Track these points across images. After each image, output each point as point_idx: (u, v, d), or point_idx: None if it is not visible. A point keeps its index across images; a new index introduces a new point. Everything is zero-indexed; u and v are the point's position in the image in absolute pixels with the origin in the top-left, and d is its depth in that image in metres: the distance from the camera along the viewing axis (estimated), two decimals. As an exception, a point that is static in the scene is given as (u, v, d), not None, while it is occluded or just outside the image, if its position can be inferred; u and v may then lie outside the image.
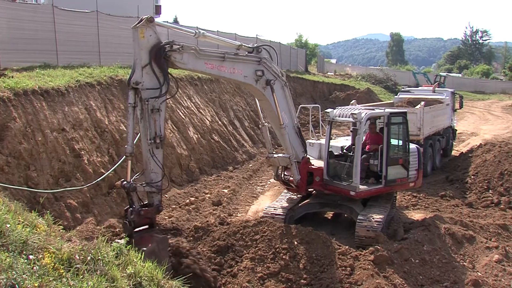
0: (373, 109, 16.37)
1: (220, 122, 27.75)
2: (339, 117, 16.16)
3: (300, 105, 18.80)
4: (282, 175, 15.34)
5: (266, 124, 15.15)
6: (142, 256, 8.68)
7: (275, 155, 15.00)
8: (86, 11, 24.93)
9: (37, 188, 14.21)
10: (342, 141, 18.33)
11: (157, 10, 44.66)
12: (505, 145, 23.55)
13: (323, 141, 17.06)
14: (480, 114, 55.15)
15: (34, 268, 6.01)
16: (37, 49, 22.25)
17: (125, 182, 10.53)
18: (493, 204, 19.14)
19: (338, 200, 15.80)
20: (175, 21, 67.07)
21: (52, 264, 6.26)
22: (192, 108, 25.83)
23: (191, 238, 12.66)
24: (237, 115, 30.55)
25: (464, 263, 13.23)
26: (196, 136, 24.21)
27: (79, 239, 8.46)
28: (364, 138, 16.69)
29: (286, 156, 14.58)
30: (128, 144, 10.86)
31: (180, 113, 24.21)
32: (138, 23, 10.75)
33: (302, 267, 11.69)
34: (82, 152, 16.66)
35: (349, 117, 15.72)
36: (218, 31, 37.89)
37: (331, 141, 16.65)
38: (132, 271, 7.26)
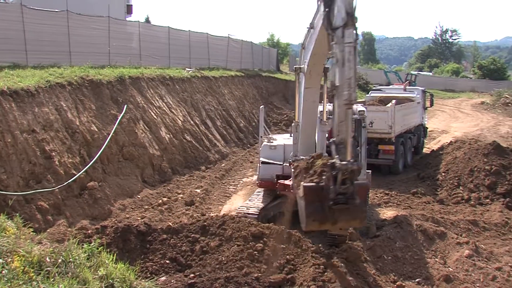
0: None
1: (192, 122, 27.65)
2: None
3: (261, 106, 18.67)
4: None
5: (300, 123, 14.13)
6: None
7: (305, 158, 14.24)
8: (56, 10, 24.59)
9: (6, 190, 14.06)
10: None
11: (129, 9, 44.31)
12: (475, 142, 23.91)
13: (286, 142, 16.88)
14: (450, 112, 55.89)
15: (3, 272, 5.96)
16: (5, 48, 21.87)
17: (338, 162, 9.15)
18: (463, 201, 19.48)
19: None
20: (147, 21, 66.47)
21: (22, 268, 6.20)
22: (164, 108, 25.71)
23: (165, 236, 12.59)
24: (209, 115, 30.48)
25: (436, 259, 13.43)
26: (168, 136, 24.11)
27: (50, 242, 8.39)
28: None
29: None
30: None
31: (152, 113, 24.09)
32: None
33: (275, 266, 11.69)
34: (53, 153, 16.49)
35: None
36: (190, 30, 37.77)
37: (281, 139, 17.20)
38: (104, 273, 7.24)
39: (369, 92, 31.27)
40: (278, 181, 15.39)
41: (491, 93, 72.97)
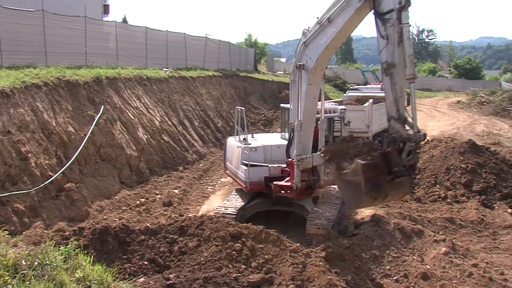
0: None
1: (169, 122, 27.57)
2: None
3: (239, 107, 18.46)
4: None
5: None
6: None
7: (309, 156, 14.54)
8: (32, 10, 24.32)
9: (-19, 192, 13.91)
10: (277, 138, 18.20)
11: (105, 9, 43.98)
12: (451, 141, 24.29)
13: (264, 143, 16.94)
14: (427, 111, 56.34)
15: (-22, 276, 5.90)
16: (-21, 49, 21.66)
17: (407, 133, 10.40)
18: (440, 199, 19.76)
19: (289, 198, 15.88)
20: (124, 21, 66.07)
21: (-3, 271, 6.14)
22: (141, 109, 25.60)
23: (143, 237, 12.54)
24: (187, 115, 30.42)
25: (413, 257, 13.56)
26: (146, 136, 24.01)
27: (26, 244, 8.33)
28: None
29: None
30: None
31: (129, 113, 23.98)
32: None
33: (254, 266, 11.73)
34: (29, 155, 16.32)
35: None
36: (167, 30, 37.63)
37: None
38: (81, 275, 7.19)
39: (347, 92, 31.43)
40: (274, 183, 15.40)
41: (466, 92, 74.00)
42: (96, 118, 20.66)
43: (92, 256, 8.87)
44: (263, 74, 58.76)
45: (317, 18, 13.34)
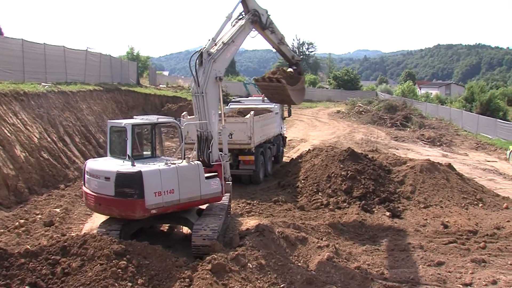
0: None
1: (49, 139, 26.67)
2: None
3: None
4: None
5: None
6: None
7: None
8: None
9: None
10: None
11: (-24, 21, 42.04)
12: (332, 149, 25.31)
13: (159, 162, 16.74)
14: (308, 121, 58.05)
15: None
16: None
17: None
18: (323, 206, 20.52)
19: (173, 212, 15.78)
20: (-2, 33, 63.22)
21: None
22: (19, 125, 24.60)
23: (23, 260, 12.05)
24: (67, 131, 29.53)
25: (299, 264, 13.99)
26: (24, 154, 23.10)
27: None
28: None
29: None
30: None
31: (5, 130, 22.98)
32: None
33: (141, 283, 11.60)
34: None
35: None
36: (45, 43, 36.37)
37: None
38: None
39: (228, 104, 31.74)
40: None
41: (345, 102, 77.13)
42: (-31, 137, 19.70)
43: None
44: (145, 88, 58.25)
45: (212, 38, 16.56)
